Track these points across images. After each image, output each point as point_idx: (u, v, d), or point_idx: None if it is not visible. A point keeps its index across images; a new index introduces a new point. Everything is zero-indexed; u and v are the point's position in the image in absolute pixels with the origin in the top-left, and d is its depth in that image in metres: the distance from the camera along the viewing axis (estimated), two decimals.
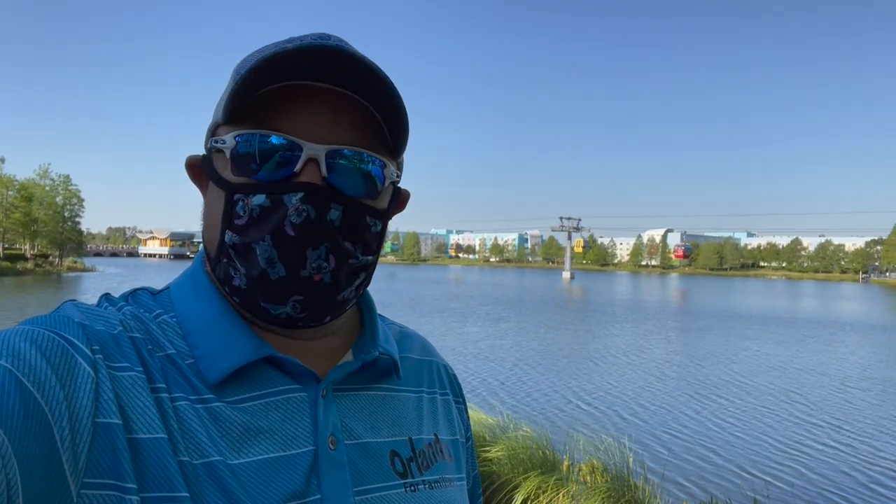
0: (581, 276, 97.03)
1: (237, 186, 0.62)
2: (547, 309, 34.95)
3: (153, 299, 0.68)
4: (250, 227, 0.61)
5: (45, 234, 71.43)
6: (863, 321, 32.88)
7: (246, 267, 0.62)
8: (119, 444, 0.52)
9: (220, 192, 0.64)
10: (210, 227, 0.66)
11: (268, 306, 0.63)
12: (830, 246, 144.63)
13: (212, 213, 0.65)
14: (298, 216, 0.60)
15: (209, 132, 0.68)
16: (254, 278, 0.62)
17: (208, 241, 0.67)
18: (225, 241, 0.63)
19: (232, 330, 0.65)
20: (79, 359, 0.54)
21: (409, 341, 0.84)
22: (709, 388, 14.01)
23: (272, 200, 0.61)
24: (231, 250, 0.62)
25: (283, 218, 0.60)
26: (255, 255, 0.61)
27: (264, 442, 0.61)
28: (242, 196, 0.62)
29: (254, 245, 0.61)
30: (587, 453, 6.49)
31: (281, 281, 0.62)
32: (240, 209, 0.62)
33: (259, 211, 0.61)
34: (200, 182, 0.70)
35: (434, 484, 0.71)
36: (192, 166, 0.71)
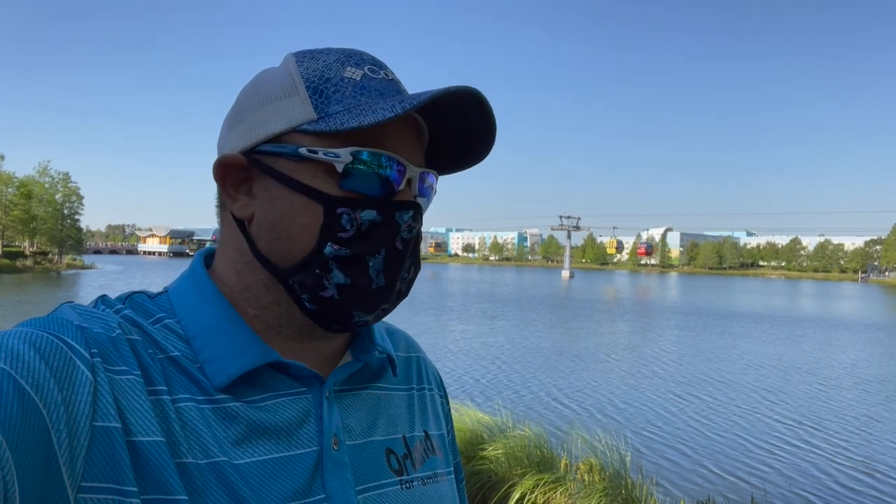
0: (580, 275, 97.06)
1: (341, 200, 0.63)
2: (545, 307, 34.97)
3: (152, 302, 0.68)
4: (356, 240, 0.63)
5: (44, 232, 71.37)
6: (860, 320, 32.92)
7: (353, 278, 0.63)
8: (118, 447, 0.52)
9: (307, 202, 0.63)
10: (284, 236, 0.64)
11: (356, 313, 0.65)
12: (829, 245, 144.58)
13: (287, 221, 0.64)
14: (409, 232, 0.65)
15: (271, 136, 0.65)
16: (360, 288, 0.64)
17: (278, 252, 0.65)
18: (324, 253, 0.63)
19: (238, 335, 0.65)
20: (77, 362, 0.54)
21: (395, 338, 0.85)
22: (707, 388, 14.04)
23: (383, 216, 0.63)
24: (333, 262, 0.63)
25: (396, 234, 0.64)
26: (367, 267, 0.63)
27: (269, 442, 0.62)
28: (349, 210, 0.63)
29: (367, 258, 0.63)
30: (585, 452, 6.51)
31: (379, 291, 0.65)
32: (346, 222, 0.62)
33: (368, 226, 0.63)
34: (236, 183, 0.68)
35: (427, 480, 0.73)
36: (226, 165, 0.67)
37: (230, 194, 0.68)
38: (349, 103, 0.63)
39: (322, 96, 0.64)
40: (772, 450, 9.52)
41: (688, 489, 7.69)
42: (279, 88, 0.66)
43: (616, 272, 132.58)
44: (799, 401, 13.01)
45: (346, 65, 0.66)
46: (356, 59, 0.68)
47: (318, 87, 0.65)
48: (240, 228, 0.67)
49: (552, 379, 14.49)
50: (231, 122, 0.70)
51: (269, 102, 0.66)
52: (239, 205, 0.67)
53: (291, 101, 0.65)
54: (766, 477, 8.28)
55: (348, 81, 0.65)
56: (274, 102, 0.66)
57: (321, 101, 0.64)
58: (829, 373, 16.44)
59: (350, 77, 0.65)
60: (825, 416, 11.74)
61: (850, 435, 10.52)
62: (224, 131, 0.70)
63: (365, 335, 0.75)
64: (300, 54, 0.69)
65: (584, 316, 30.57)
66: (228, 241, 0.69)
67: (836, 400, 13.24)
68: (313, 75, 0.66)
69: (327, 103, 0.64)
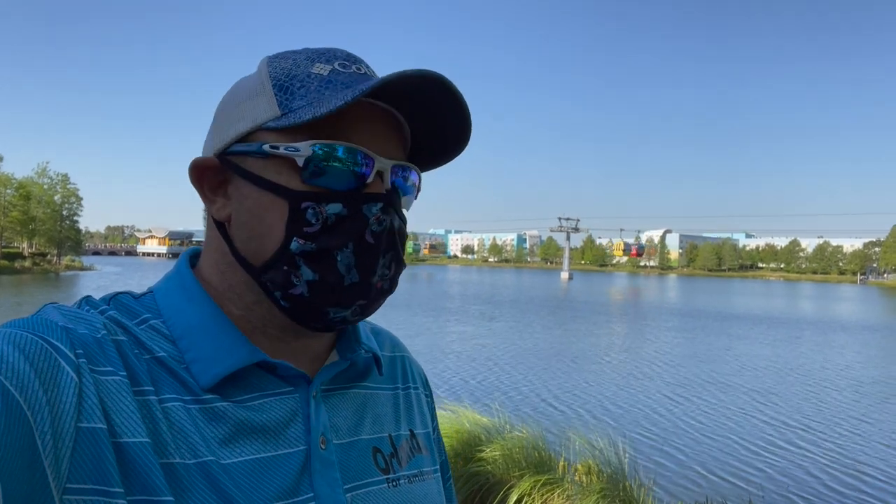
0: (579, 277, 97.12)
1: (306, 194, 0.62)
2: (544, 309, 34.97)
3: (137, 303, 0.68)
4: (324, 234, 0.62)
5: (43, 233, 71.34)
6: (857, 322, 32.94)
7: (321, 273, 0.63)
8: (104, 448, 0.52)
9: (274, 198, 0.63)
10: (255, 235, 0.65)
11: (331, 310, 0.64)
12: (828, 247, 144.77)
13: (256, 219, 0.64)
14: (379, 225, 0.64)
15: (239, 135, 0.66)
16: (329, 284, 0.63)
17: (251, 250, 0.65)
18: (290, 249, 0.62)
19: (224, 335, 0.65)
20: (62, 363, 0.53)
21: (380, 338, 0.85)
22: (706, 390, 14.04)
23: (350, 210, 0.63)
24: (300, 258, 0.62)
25: (365, 227, 0.63)
26: (334, 261, 0.62)
27: (257, 442, 0.62)
28: (314, 204, 0.62)
29: (335, 252, 0.62)
30: (582, 454, 6.51)
31: (353, 286, 0.64)
32: (311, 216, 0.62)
33: (335, 219, 0.62)
34: (213, 186, 0.69)
35: (413, 478, 0.74)
36: (201, 168, 0.68)
37: (208, 197, 0.68)
38: (312, 98, 0.63)
39: (287, 93, 0.64)
40: (769, 452, 9.52)
41: (686, 491, 7.69)
42: (249, 90, 0.67)
43: (615, 274, 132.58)
44: (796, 403, 13.01)
45: (316, 62, 0.67)
46: (327, 55, 0.68)
47: (283, 85, 0.65)
48: (219, 230, 0.68)
49: (550, 380, 14.48)
50: (211, 126, 0.70)
51: (238, 104, 0.67)
52: (216, 206, 0.68)
53: (258, 100, 0.65)
54: (763, 479, 8.28)
55: (315, 77, 0.65)
56: (243, 103, 0.67)
57: (286, 97, 0.64)
58: (825, 375, 16.44)
59: (317, 73, 0.65)
60: (822, 419, 11.74)
61: (846, 437, 10.52)
62: (208, 134, 0.71)
63: (351, 334, 0.75)
64: (273, 56, 0.70)
65: (583, 318, 30.54)
66: (212, 243, 0.70)
67: (833, 402, 13.24)
68: (281, 74, 0.66)
69: (291, 99, 0.64)
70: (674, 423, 11.07)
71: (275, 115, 0.64)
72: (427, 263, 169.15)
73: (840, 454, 9.54)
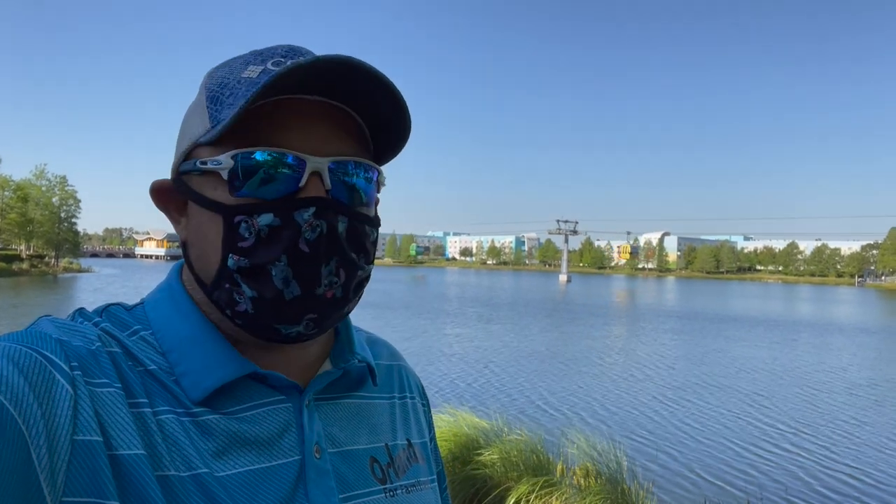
0: (578, 279, 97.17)
1: (237, 208, 0.60)
2: (542, 312, 34.98)
3: (128, 314, 0.67)
4: (258, 248, 0.60)
5: (41, 235, 71.29)
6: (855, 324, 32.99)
7: (258, 290, 0.60)
8: (99, 461, 0.52)
9: (212, 215, 0.62)
10: (202, 254, 0.64)
11: (280, 327, 0.62)
12: (826, 250, 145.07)
13: (202, 238, 0.63)
14: (313, 232, 0.60)
15: (183, 155, 0.65)
16: (268, 300, 0.60)
17: (202, 269, 0.64)
18: (228, 266, 0.61)
19: (214, 347, 0.64)
20: (57, 376, 0.53)
21: (377, 347, 0.84)
22: (704, 392, 14.05)
23: (282, 218, 0.60)
24: (237, 274, 0.60)
25: (297, 235, 0.60)
26: (269, 276, 0.60)
27: (251, 453, 0.61)
28: (246, 217, 0.60)
29: (269, 266, 0.60)
30: (580, 457, 6.52)
31: (296, 300, 0.61)
32: (244, 231, 0.60)
33: (268, 231, 0.60)
34: (171, 207, 0.68)
35: (410, 488, 0.73)
36: (160, 191, 0.68)
37: (174, 218, 0.68)
38: (238, 105, 0.59)
39: (217, 103, 0.62)
40: (768, 454, 9.53)
41: (684, 494, 7.70)
42: (192, 107, 0.66)
43: (613, 276, 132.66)
44: (794, 406, 13.02)
45: (250, 64, 0.64)
46: (264, 55, 0.64)
47: (215, 96, 0.63)
48: (182, 250, 0.68)
49: (548, 383, 14.48)
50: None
51: (184, 122, 0.66)
52: (180, 227, 0.68)
53: (196, 116, 0.64)
54: (761, 481, 8.29)
55: (244, 81, 0.62)
56: (186, 121, 0.65)
57: (216, 108, 0.62)
58: (822, 377, 16.46)
59: (247, 76, 0.62)
60: (818, 422, 11.75)
61: (843, 440, 10.53)
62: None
63: (344, 343, 0.74)
64: (215, 67, 0.68)
65: (581, 320, 30.56)
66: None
67: (829, 405, 13.25)
68: (214, 84, 0.64)
69: (220, 110, 0.62)
70: (672, 425, 11.08)
71: (206, 128, 0.62)
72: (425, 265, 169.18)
73: (837, 457, 9.55)
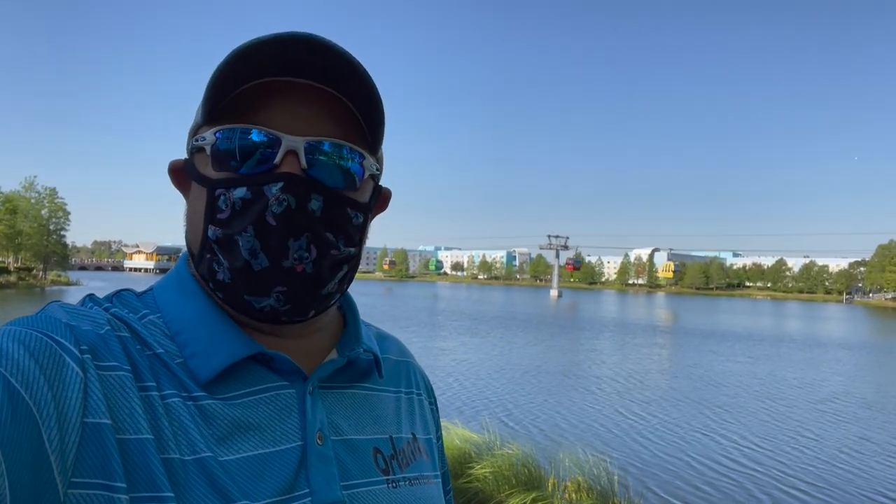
0: (569, 295, 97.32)
1: (218, 181, 0.64)
2: (534, 326, 34.99)
3: (138, 300, 0.69)
4: (232, 219, 0.62)
5: (29, 247, 70.75)
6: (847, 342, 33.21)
7: (229, 259, 0.63)
8: (108, 443, 0.53)
9: (201, 189, 0.65)
10: (193, 226, 0.67)
11: (251, 299, 0.64)
12: (815, 267, 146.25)
13: (195, 212, 0.67)
14: (279, 205, 0.62)
15: (190, 134, 0.69)
16: (237, 270, 0.63)
17: (192, 241, 0.67)
18: (208, 237, 0.64)
19: (221, 328, 0.66)
20: (67, 359, 0.54)
21: (387, 343, 0.86)
22: (696, 408, 14.08)
23: (253, 192, 0.62)
24: (214, 245, 0.63)
25: (265, 208, 0.62)
26: (237, 246, 0.62)
27: (254, 438, 0.62)
28: (224, 190, 0.63)
29: (236, 237, 0.62)
30: (572, 471, 6.53)
31: (264, 272, 0.62)
32: (221, 203, 0.63)
33: (241, 204, 0.62)
34: (184, 186, 0.71)
35: (413, 481, 0.74)
36: (175, 170, 0.71)
37: (184, 195, 0.71)
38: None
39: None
40: (760, 471, 9.54)
41: None
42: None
43: (604, 292, 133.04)
44: (788, 421, 13.06)
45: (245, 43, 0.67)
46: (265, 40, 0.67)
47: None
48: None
49: (539, 397, 14.47)
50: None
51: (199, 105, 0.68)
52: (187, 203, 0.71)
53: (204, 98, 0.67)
54: (752, 494, 8.31)
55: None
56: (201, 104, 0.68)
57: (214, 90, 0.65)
58: (819, 394, 16.55)
59: None
60: (814, 438, 11.80)
61: (841, 456, 10.57)
62: None
63: (351, 334, 0.76)
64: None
65: (573, 335, 30.60)
66: None
67: (827, 421, 13.32)
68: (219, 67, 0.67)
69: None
70: (663, 440, 11.09)
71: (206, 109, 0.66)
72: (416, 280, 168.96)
73: (832, 472, 9.58)
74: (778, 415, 13.64)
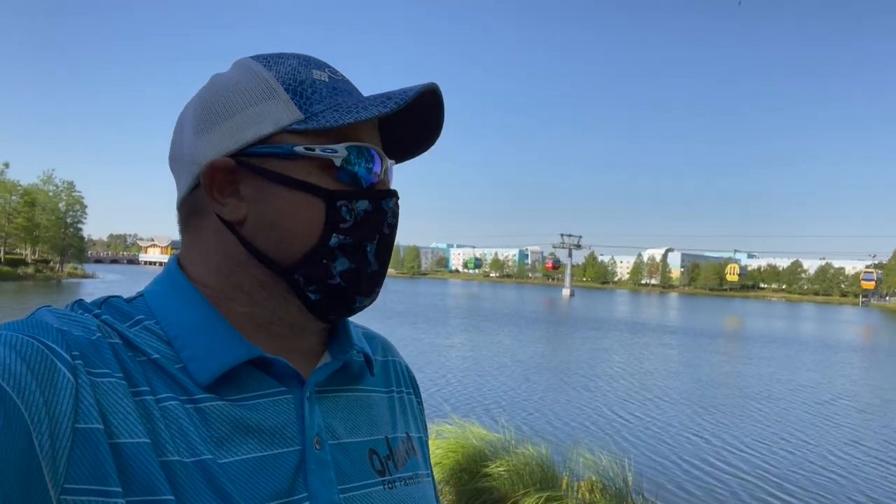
0: (581, 294, 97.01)
1: (341, 193, 0.67)
2: (547, 325, 34.93)
3: (128, 306, 0.68)
4: (356, 229, 0.67)
5: (46, 240, 71.65)
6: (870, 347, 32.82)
7: (356, 263, 0.68)
8: (101, 448, 0.53)
9: (307, 197, 0.66)
10: (286, 234, 0.67)
11: (358, 298, 0.70)
12: (830, 269, 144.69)
13: (290, 219, 0.67)
14: (394, 218, 0.71)
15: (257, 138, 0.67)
16: (360, 274, 0.68)
17: (279, 248, 0.67)
18: (329, 244, 0.66)
19: (219, 333, 0.66)
20: (59, 364, 0.54)
21: (373, 342, 0.86)
22: (712, 408, 14.01)
23: (374, 205, 0.69)
24: (338, 251, 0.67)
25: (384, 219, 0.70)
26: (364, 253, 0.68)
27: (252, 441, 0.63)
28: (346, 202, 0.67)
29: (365, 244, 0.68)
30: (587, 471, 6.52)
31: (374, 274, 0.70)
32: (345, 213, 0.67)
33: (363, 215, 0.68)
34: (221, 187, 0.68)
35: (409, 480, 0.75)
36: (221, 170, 0.68)
37: (217, 199, 0.69)
38: (329, 103, 0.68)
39: (302, 97, 0.68)
40: (778, 473, 9.47)
41: None
42: (257, 92, 0.69)
43: (616, 291, 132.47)
44: (805, 424, 12.96)
45: (311, 68, 0.71)
46: (315, 62, 0.73)
47: (296, 89, 0.68)
48: (231, 231, 0.68)
49: (554, 396, 14.46)
50: (201, 129, 0.70)
51: (248, 106, 0.68)
52: (228, 208, 0.68)
53: (273, 103, 0.68)
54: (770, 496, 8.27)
55: (320, 83, 0.70)
56: (255, 105, 0.68)
57: (303, 101, 0.68)
58: (835, 395, 16.40)
59: (319, 79, 0.70)
60: (833, 439, 11.70)
61: (865, 459, 10.49)
62: (188, 137, 0.71)
63: (343, 336, 0.77)
64: (261, 58, 0.72)
65: (586, 334, 30.51)
66: (208, 245, 0.70)
67: (845, 423, 13.21)
68: (287, 77, 0.69)
69: (309, 103, 0.68)
70: (679, 441, 11.04)
71: (297, 118, 0.67)
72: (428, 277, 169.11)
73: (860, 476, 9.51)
74: (797, 418, 13.52)
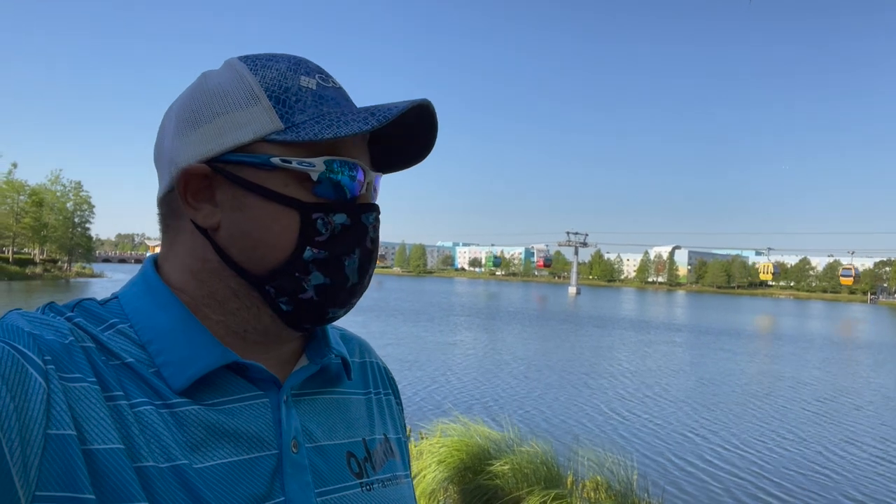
0: (587, 292, 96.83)
1: (317, 206, 0.66)
2: (553, 323, 34.91)
3: (102, 308, 0.67)
4: (331, 242, 0.66)
5: (54, 240, 71.94)
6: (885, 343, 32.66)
7: (331, 277, 0.66)
8: (73, 455, 0.52)
9: (283, 209, 0.65)
10: (259, 244, 0.66)
11: (331, 310, 0.69)
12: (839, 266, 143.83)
13: (264, 230, 0.65)
14: (374, 232, 0.70)
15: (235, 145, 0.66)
16: (336, 287, 0.67)
17: (253, 259, 0.66)
18: (303, 258, 0.65)
19: (196, 337, 0.65)
20: (30, 369, 0.53)
21: (350, 344, 0.86)
22: (718, 408, 13.96)
23: (352, 219, 0.67)
24: (312, 265, 0.66)
25: (365, 234, 0.69)
26: (342, 267, 0.67)
27: (228, 445, 0.62)
28: (322, 215, 0.66)
29: (343, 258, 0.67)
30: (591, 470, 6.52)
31: (352, 287, 0.69)
32: (321, 227, 0.66)
33: (340, 229, 0.66)
34: (195, 191, 0.67)
35: (387, 482, 0.75)
36: (195, 175, 0.67)
37: (190, 203, 0.67)
38: (312, 113, 0.66)
39: (285, 106, 0.66)
40: (784, 473, 9.44)
41: None
42: (239, 97, 0.67)
43: (623, 289, 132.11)
44: (813, 423, 12.91)
45: (300, 73, 0.68)
46: (305, 67, 0.70)
47: (279, 97, 0.66)
48: (205, 237, 0.67)
49: (559, 394, 14.44)
50: (181, 129, 0.68)
51: (229, 111, 0.66)
52: (202, 214, 0.67)
53: (255, 110, 0.66)
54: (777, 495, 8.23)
55: (306, 91, 0.67)
56: (235, 111, 0.66)
57: (285, 110, 0.66)
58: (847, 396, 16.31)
59: (306, 86, 0.68)
60: (844, 441, 11.65)
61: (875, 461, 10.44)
62: (171, 138, 0.69)
63: (321, 339, 0.76)
64: (249, 60, 0.70)
65: (592, 332, 30.48)
66: (183, 249, 0.69)
67: (852, 425, 13.14)
68: (272, 84, 0.67)
69: (291, 113, 0.66)
70: (683, 439, 11.02)
71: (277, 128, 0.65)
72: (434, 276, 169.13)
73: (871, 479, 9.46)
74: (801, 416, 13.47)
